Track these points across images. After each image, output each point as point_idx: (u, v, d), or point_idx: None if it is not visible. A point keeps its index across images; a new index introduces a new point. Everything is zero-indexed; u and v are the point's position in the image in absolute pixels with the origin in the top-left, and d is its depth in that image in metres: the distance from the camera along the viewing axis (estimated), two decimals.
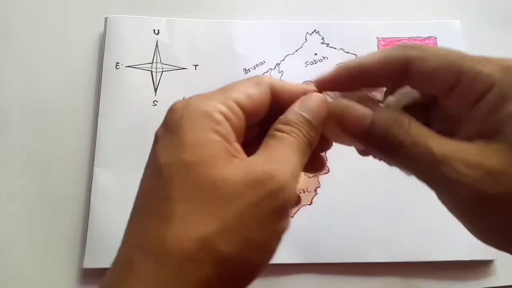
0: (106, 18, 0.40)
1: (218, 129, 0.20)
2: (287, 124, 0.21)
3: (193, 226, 0.18)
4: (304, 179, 0.36)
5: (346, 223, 0.35)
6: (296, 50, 0.40)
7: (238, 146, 0.20)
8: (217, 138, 0.20)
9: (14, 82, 0.38)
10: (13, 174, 0.35)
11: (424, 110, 0.23)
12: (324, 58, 0.40)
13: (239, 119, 0.21)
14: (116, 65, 0.38)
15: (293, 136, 0.21)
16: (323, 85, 0.24)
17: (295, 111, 0.22)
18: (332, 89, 0.24)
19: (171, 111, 0.21)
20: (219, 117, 0.20)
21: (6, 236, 0.34)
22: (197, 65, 0.39)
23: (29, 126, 0.37)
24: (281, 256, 0.34)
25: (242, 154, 0.20)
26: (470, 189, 0.19)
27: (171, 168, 0.19)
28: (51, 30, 0.40)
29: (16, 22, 0.40)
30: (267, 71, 0.39)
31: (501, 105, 0.20)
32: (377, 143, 0.22)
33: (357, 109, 0.22)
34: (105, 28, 0.39)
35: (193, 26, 0.40)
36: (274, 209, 0.19)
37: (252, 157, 0.20)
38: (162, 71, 0.38)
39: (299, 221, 0.35)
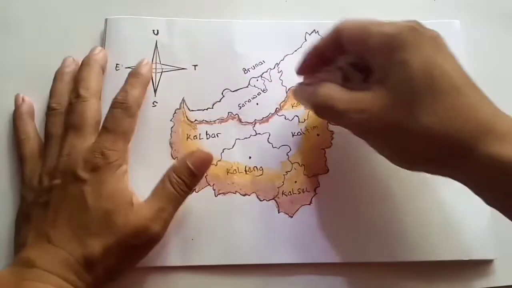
0: (106, 19, 0.40)
1: (125, 179, 0.32)
2: (177, 175, 0.32)
3: (108, 252, 0.29)
4: (304, 179, 0.36)
5: (345, 223, 0.35)
6: (296, 50, 0.40)
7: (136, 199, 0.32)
8: (125, 189, 0.31)
9: (14, 84, 0.38)
10: (14, 174, 0.35)
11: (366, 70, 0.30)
12: None
13: None
14: (116, 67, 0.38)
15: (176, 191, 0.32)
16: (301, 72, 0.34)
17: (185, 164, 0.32)
18: (308, 72, 0.33)
19: (99, 158, 0.31)
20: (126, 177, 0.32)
21: (5, 236, 0.34)
22: (197, 65, 0.39)
23: None
24: (280, 256, 0.34)
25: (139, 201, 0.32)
26: (362, 129, 0.28)
27: (95, 212, 0.30)
28: (51, 31, 0.40)
29: (16, 24, 0.40)
30: (266, 71, 0.39)
31: (390, 56, 0.26)
32: (317, 110, 0.30)
33: (307, 91, 0.32)
34: (105, 29, 0.39)
35: (192, 26, 0.40)
36: (146, 249, 0.31)
37: (143, 205, 0.31)
38: (162, 72, 0.38)
39: (299, 221, 0.35)
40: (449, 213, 0.35)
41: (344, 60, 0.31)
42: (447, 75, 0.25)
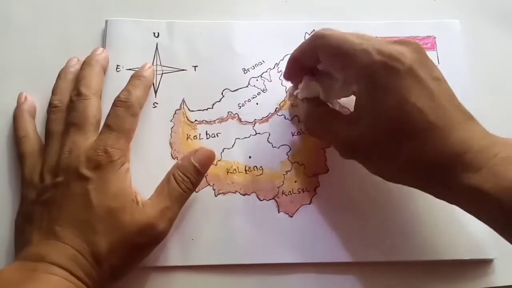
0: (106, 21, 0.40)
1: (128, 177, 0.32)
2: (182, 172, 0.32)
3: (114, 250, 0.29)
4: (304, 178, 0.36)
5: (345, 222, 0.35)
6: None
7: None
8: (129, 187, 0.31)
9: (14, 84, 0.38)
10: (14, 175, 0.35)
11: None
12: None
13: None
14: (117, 68, 0.38)
15: (182, 188, 0.32)
16: (286, 77, 0.36)
17: (190, 161, 0.33)
18: (292, 77, 0.35)
19: (102, 156, 0.31)
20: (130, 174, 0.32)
21: (5, 236, 0.34)
22: (197, 66, 0.39)
23: None
24: (280, 255, 0.34)
25: (142, 199, 0.31)
26: (348, 156, 0.31)
27: (100, 210, 0.30)
28: (51, 33, 0.40)
29: (16, 26, 0.40)
30: (266, 71, 0.39)
31: (366, 94, 0.28)
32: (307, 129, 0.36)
33: (304, 109, 0.35)
34: (105, 30, 0.40)
35: (192, 27, 0.40)
36: (150, 247, 0.32)
37: (149, 203, 0.31)
38: (162, 73, 0.39)
39: (299, 221, 0.35)
40: (449, 213, 0.35)
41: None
42: (420, 112, 0.26)
